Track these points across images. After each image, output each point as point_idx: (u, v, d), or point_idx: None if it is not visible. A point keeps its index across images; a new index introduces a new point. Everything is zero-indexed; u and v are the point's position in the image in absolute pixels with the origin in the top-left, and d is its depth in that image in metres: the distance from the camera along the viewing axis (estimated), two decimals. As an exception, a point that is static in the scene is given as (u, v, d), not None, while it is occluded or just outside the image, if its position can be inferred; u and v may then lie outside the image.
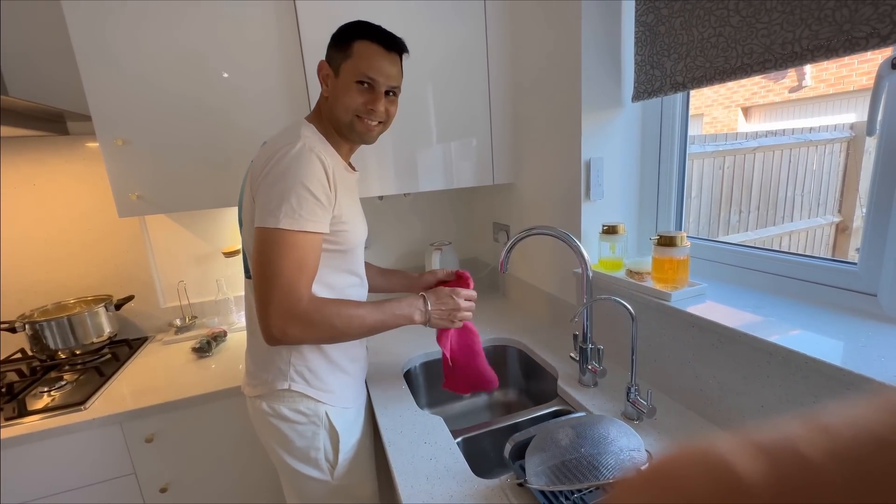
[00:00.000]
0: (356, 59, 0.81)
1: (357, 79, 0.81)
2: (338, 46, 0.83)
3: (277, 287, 0.72)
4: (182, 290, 1.58)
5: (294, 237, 0.72)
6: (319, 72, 0.84)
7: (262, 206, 0.73)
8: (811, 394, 0.67)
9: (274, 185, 0.72)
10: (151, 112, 1.17)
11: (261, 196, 0.74)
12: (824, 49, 0.68)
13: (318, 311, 0.75)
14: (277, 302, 0.72)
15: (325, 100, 0.85)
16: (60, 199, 1.42)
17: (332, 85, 0.83)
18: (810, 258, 0.85)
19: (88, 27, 1.09)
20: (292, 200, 0.71)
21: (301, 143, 0.75)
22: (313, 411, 0.87)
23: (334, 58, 0.83)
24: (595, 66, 1.07)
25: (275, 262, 0.71)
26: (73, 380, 1.25)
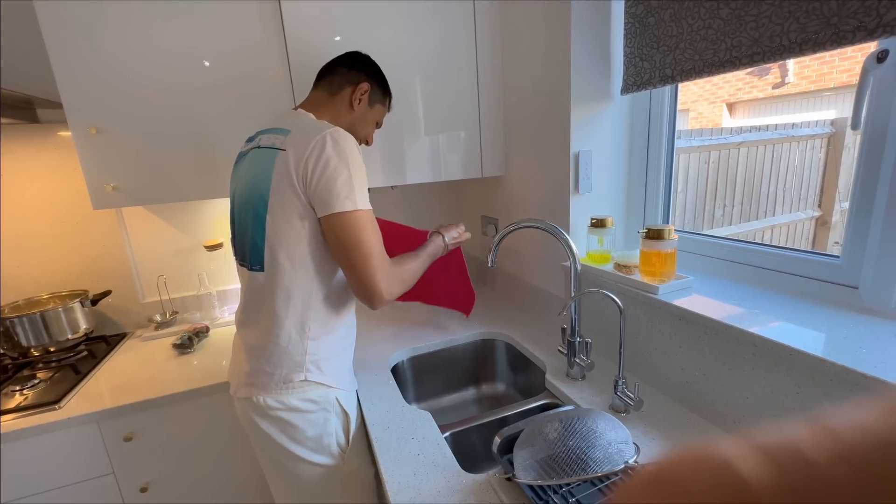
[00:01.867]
0: (384, 110, 1.03)
1: (377, 120, 1.02)
2: (381, 88, 1.00)
3: (374, 258, 0.81)
4: (162, 285, 1.53)
5: (369, 214, 0.82)
6: (358, 89, 0.94)
7: (336, 193, 0.78)
8: (795, 385, 0.67)
9: (340, 172, 0.78)
10: (127, 99, 1.12)
11: (328, 183, 0.78)
12: (812, 42, 0.68)
13: (401, 270, 0.90)
14: (380, 270, 0.82)
15: (344, 110, 0.95)
16: (31, 190, 1.36)
17: (363, 108, 0.96)
18: (794, 251, 0.86)
19: (58, 10, 1.04)
20: (357, 180, 0.80)
21: (335, 128, 0.81)
22: (324, 398, 0.88)
23: (375, 91, 0.97)
24: (584, 58, 1.06)
25: (364, 239, 0.80)
26: (46, 378, 1.20)
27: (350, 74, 0.94)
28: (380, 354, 1.19)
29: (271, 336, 0.85)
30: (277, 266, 0.82)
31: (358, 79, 0.94)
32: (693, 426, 0.82)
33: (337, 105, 0.93)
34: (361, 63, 0.97)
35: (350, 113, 0.94)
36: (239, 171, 0.91)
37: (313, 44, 1.20)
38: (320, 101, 0.93)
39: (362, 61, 0.97)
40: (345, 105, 0.93)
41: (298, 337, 0.85)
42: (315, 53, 1.21)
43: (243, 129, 1.22)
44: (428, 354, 1.25)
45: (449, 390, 1.29)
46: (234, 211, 0.92)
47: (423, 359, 1.24)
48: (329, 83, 0.94)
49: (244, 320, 0.91)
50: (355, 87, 0.93)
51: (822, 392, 0.64)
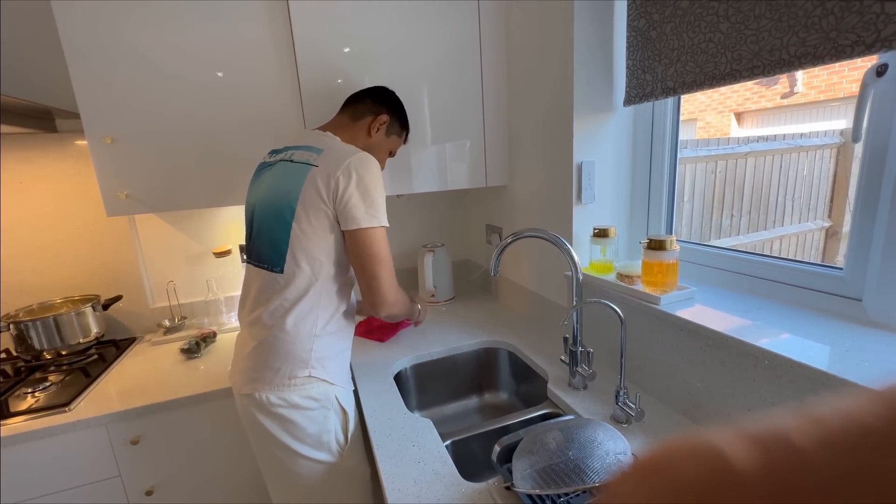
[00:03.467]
0: (400, 141, 1.13)
1: (392, 150, 1.12)
2: (400, 122, 1.10)
3: (388, 269, 0.92)
4: (171, 291, 1.56)
5: (385, 231, 0.92)
6: (378, 119, 1.04)
7: (365, 210, 0.88)
8: (797, 398, 0.67)
9: (369, 191, 0.88)
10: (142, 110, 1.16)
11: (358, 200, 0.87)
12: (811, 56, 0.68)
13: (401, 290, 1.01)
14: (392, 282, 0.93)
15: (362, 135, 1.04)
16: (48, 197, 1.40)
17: (380, 137, 1.06)
18: (797, 263, 0.85)
19: (77, 23, 1.08)
20: (379, 200, 0.90)
21: (364, 153, 0.92)
22: (324, 395, 0.92)
23: (393, 124, 1.08)
24: (587, 70, 1.08)
25: (383, 253, 0.91)
26: (58, 381, 1.23)
27: (373, 105, 1.04)
28: (383, 362, 1.20)
29: (281, 332, 0.90)
30: (298, 269, 0.90)
31: (379, 110, 1.04)
32: (695, 438, 0.81)
33: (356, 130, 1.03)
34: (385, 97, 1.07)
35: (367, 139, 1.03)
36: (263, 180, 0.98)
37: (322, 56, 1.23)
38: (342, 124, 1.03)
39: (387, 96, 1.08)
40: (363, 131, 1.03)
41: (307, 334, 0.91)
42: (324, 66, 1.24)
43: (252, 139, 1.26)
44: (431, 362, 1.25)
45: (451, 399, 1.29)
46: (254, 215, 0.97)
47: (426, 367, 1.25)
48: (353, 110, 1.04)
49: (255, 318, 0.93)
50: (375, 117, 1.03)
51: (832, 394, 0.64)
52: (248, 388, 0.91)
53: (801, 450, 0.18)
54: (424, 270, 1.60)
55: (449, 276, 1.65)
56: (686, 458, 0.21)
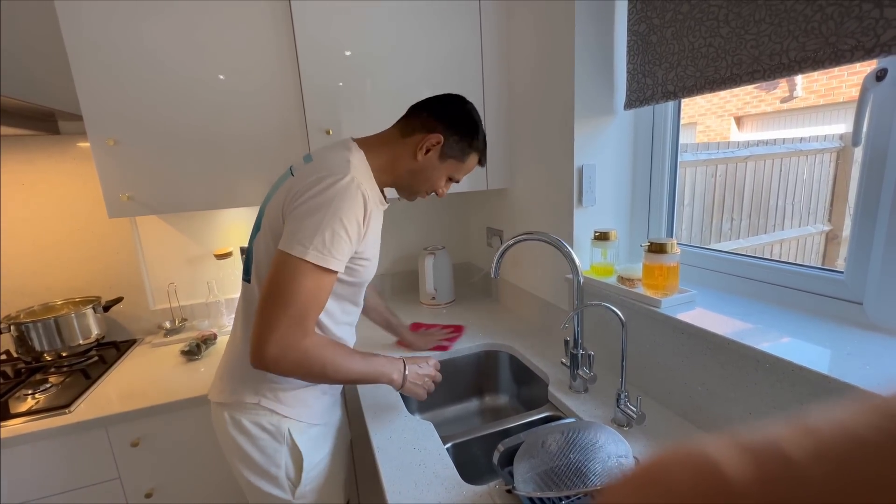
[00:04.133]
0: (463, 166, 0.91)
1: (450, 176, 0.92)
2: (462, 143, 0.88)
3: (287, 316, 0.70)
4: (172, 292, 1.56)
5: (316, 272, 0.71)
6: (427, 139, 0.84)
7: (294, 231, 0.72)
8: (797, 401, 0.67)
9: (313, 213, 0.72)
10: (144, 112, 1.17)
11: (295, 219, 0.72)
12: (811, 61, 0.69)
13: (315, 351, 0.74)
14: (283, 330, 0.70)
15: (407, 156, 0.86)
16: (50, 199, 1.41)
17: (430, 160, 0.86)
18: (798, 266, 0.85)
19: (81, 26, 1.09)
20: (326, 234, 0.71)
21: (350, 177, 0.74)
22: (276, 427, 0.84)
23: (451, 146, 0.86)
24: (588, 73, 1.08)
25: (291, 291, 0.70)
26: (58, 382, 1.23)
27: (428, 121, 0.85)
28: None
29: (240, 349, 0.85)
30: (255, 283, 0.84)
31: (433, 127, 0.84)
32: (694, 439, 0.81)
33: (402, 148, 0.86)
34: (447, 112, 0.87)
35: (412, 161, 0.86)
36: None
37: (324, 59, 1.24)
38: (387, 139, 0.87)
39: (449, 110, 0.87)
40: (409, 151, 0.85)
41: None
42: (326, 68, 1.25)
43: (254, 141, 1.26)
44: (431, 365, 1.25)
45: (452, 401, 1.29)
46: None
47: (427, 369, 1.25)
48: (406, 124, 0.88)
49: (233, 326, 0.93)
50: (426, 136, 0.84)
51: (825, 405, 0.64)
52: (213, 395, 0.89)
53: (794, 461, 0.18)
54: (425, 273, 1.60)
55: (450, 279, 1.65)
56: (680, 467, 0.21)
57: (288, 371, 0.74)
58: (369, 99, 1.30)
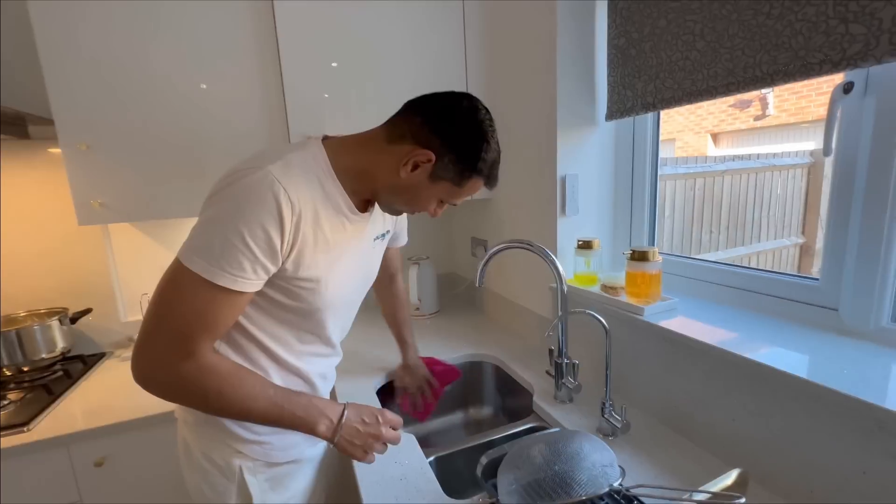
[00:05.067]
0: (460, 191, 0.70)
1: (442, 199, 0.72)
2: (462, 159, 0.66)
3: (163, 332, 0.58)
4: (145, 303, 1.50)
5: (201, 287, 0.57)
6: (416, 154, 0.64)
7: (190, 234, 0.60)
8: (779, 406, 0.67)
9: (208, 211, 0.60)
10: (120, 116, 1.13)
11: (199, 218, 0.61)
12: (782, 73, 0.71)
13: (195, 377, 0.60)
14: (157, 348, 0.58)
15: (388, 168, 0.67)
16: (16, 205, 1.35)
17: (416, 179, 0.67)
18: (775, 273, 0.87)
19: (54, 27, 1.06)
20: (215, 243, 0.57)
21: (263, 172, 0.59)
22: (226, 462, 0.72)
23: (445, 166, 0.66)
24: (570, 85, 1.10)
25: (171, 303, 0.58)
26: (17, 399, 1.16)
27: (421, 131, 0.65)
28: (365, 376, 1.17)
29: None
30: None
31: (426, 141, 0.65)
32: (681, 450, 0.80)
33: (383, 156, 0.67)
34: (448, 123, 0.66)
35: (394, 175, 0.67)
36: None
37: (309, 70, 1.23)
38: (368, 141, 0.70)
39: (450, 121, 0.66)
40: (392, 162, 0.66)
41: None
42: (310, 78, 1.24)
43: (234, 148, 1.24)
44: (415, 376, 1.22)
45: (436, 414, 1.26)
46: None
47: (410, 381, 1.22)
48: (395, 126, 0.68)
49: None
50: (414, 149, 0.65)
51: (805, 413, 0.64)
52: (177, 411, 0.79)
53: None
54: (409, 283, 1.58)
55: (434, 290, 1.64)
56: None
57: (159, 393, 0.61)
58: (354, 109, 1.30)
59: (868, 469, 0.58)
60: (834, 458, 0.61)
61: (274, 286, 0.65)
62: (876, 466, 0.57)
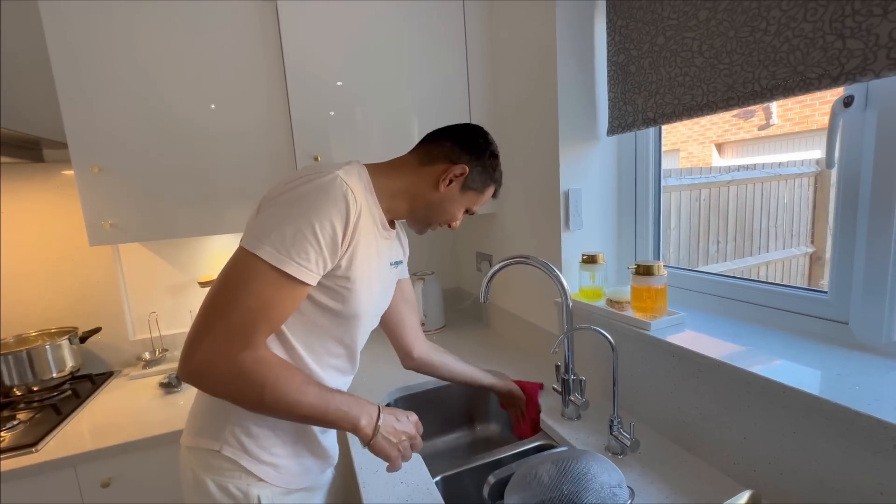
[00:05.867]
0: (480, 198, 0.85)
1: (468, 208, 0.85)
2: (484, 175, 0.82)
3: (227, 320, 0.59)
4: (154, 322, 1.52)
5: (269, 274, 0.60)
6: (452, 170, 0.77)
7: (255, 225, 0.63)
8: (791, 424, 0.66)
9: (279, 207, 0.63)
10: (130, 139, 1.16)
11: (262, 214, 0.64)
12: (782, 88, 0.72)
13: (253, 367, 0.60)
14: (219, 336, 0.59)
15: (427, 186, 0.78)
16: (30, 227, 1.38)
17: (451, 191, 0.79)
18: (784, 287, 0.86)
19: (69, 54, 1.10)
20: (287, 231, 0.60)
21: (334, 175, 0.65)
22: (244, 493, 0.70)
23: (474, 178, 0.80)
24: (571, 101, 1.11)
25: (237, 291, 0.60)
26: (27, 419, 1.16)
27: (452, 151, 0.79)
28: (370, 392, 1.16)
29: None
30: None
31: (458, 158, 0.78)
32: (692, 469, 0.79)
33: (420, 177, 0.79)
34: (472, 143, 0.80)
35: (432, 191, 0.78)
36: None
37: (314, 89, 1.26)
38: (402, 165, 0.80)
39: (474, 141, 0.81)
40: (430, 180, 0.78)
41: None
42: (315, 99, 1.27)
43: (241, 169, 1.27)
44: (420, 393, 1.22)
45: (442, 432, 1.25)
46: None
47: (415, 398, 1.21)
48: (426, 152, 0.80)
49: None
50: (450, 167, 0.77)
51: (818, 431, 0.63)
52: (182, 437, 0.77)
53: None
54: (414, 299, 1.58)
55: (440, 305, 1.64)
56: None
57: (214, 385, 0.61)
58: (360, 127, 1.32)
59: (885, 489, 0.56)
60: (849, 478, 0.60)
61: (320, 286, 0.68)
62: (893, 487, 0.55)
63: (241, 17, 1.21)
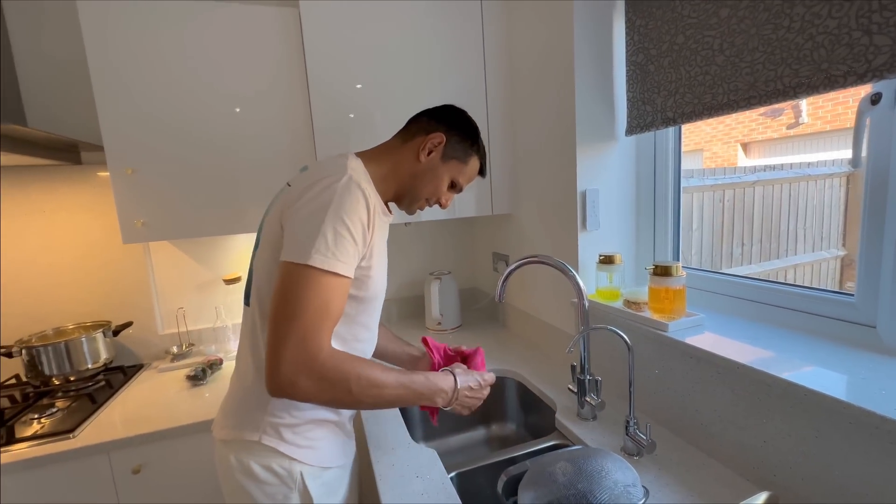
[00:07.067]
0: (465, 169, 0.88)
1: (454, 180, 0.88)
2: (464, 143, 0.86)
3: (296, 330, 0.63)
4: (181, 317, 1.58)
5: (322, 278, 0.65)
6: (429, 139, 0.82)
7: (293, 238, 0.67)
8: (813, 428, 0.64)
9: (311, 216, 0.67)
10: (162, 142, 1.22)
11: (293, 225, 0.68)
12: (805, 86, 0.70)
13: (335, 365, 0.66)
14: (293, 347, 0.63)
15: (409, 159, 0.83)
16: (68, 226, 1.46)
17: (432, 161, 0.83)
18: (807, 289, 0.84)
19: (106, 61, 1.16)
20: (328, 235, 0.65)
21: (347, 177, 0.70)
22: (287, 471, 0.75)
23: (453, 146, 0.85)
24: (589, 101, 1.11)
25: (298, 302, 0.64)
26: (64, 407, 1.23)
27: (428, 124, 0.85)
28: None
29: (243, 378, 0.79)
30: (255, 305, 0.78)
31: (434, 129, 0.84)
32: (710, 471, 0.78)
33: (403, 153, 0.84)
34: (447, 115, 0.87)
35: (415, 163, 0.83)
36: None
37: (334, 91, 1.29)
38: (388, 148, 0.86)
39: (449, 113, 0.87)
40: (411, 154, 0.84)
41: (261, 387, 0.69)
42: (335, 100, 1.30)
43: (264, 169, 1.31)
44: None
45: (458, 430, 1.26)
46: None
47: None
48: (406, 130, 0.87)
49: (237, 354, 0.86)
50: (427, 137, 0.83)
51: (841, 436, 0.61)
52: (216, 431, 0.81)
53: None
54: (431, 298, 1.60)
55: (456, 304, 1.65)
56: None
57: (309, 393, 0.65)
58: (379, 128, 1.35)
59: (913, 497, 0.55)
60: (873, 486, 0.58)
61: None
62: (921, 495, 0.54)
63: (265, 22, 1.25)
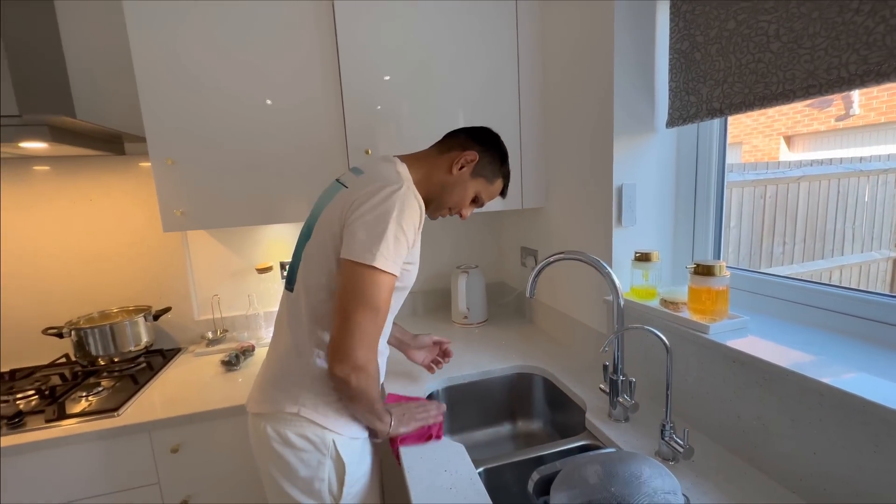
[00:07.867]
0: (490, 188, 0.99)
1: (478, 195, 0.98)
2: (493, 166, 0.97)
3: (370, 322, 0.76)
4: (216, 304, 1.63)
5: (384, 277, 0.76)
6: (464, 155, 0.93)
7: (359, 240, 0.76)
8: (871, 441, 0.60)
9: (376, 222, 0.76)
10: (200, 134, 1.25)
11: (359, 228, 0.77)
12: (874, 74, 0.65)
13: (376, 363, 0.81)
14: (367, 337, 0.76)
15: (443, 170, 0.94)
16: (113, 214, 1.52)
17: (462, 176, 0.94)
18: (864, 293, 0.79)
19: (150, 56, 1.19)
20: (391, 241, 0.76)
21: (406, 186, 0.81)
22: (320, 438, 0.84)
23: (484, 166, 0.95)
24: (628, 91, 1.07)
25: (371, 297, 0.75)
26: (109, 386, 1.30)
27: (465, 141, 0.95)
28: (415, 382, 1.19)
29: (282, 358, 0.88)
30: (300, 291, 0.86)
31: (471, 146, 0.94)
32: (752, 481, 0.74)
33: (438, 163, 0.94)
34: (483, 136, 0.97)
35: (446, 175, 0.93)
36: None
37: (365, 84, 1.29)
38: (426, 156, 0.96)
39: (485, 137, 0.98)
40: (445, 165, 0.94)
41: (304, 365, 0.84)
42: (366, 92, 1.30)
43: (297, 161, 1.32)
44: (463, 385, 1.23)
45: (483, 424, 1.26)
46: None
47: (459, 389, 1.23)
48: (444, 143, 0.97)
49: (273, 336, 0.95)
50: (462, 153, 0.93)
51: (905, 452, 0.57)
52: (252, 406, 0.90)
53: None
54: (458, 292, 1.59)
55: (482, 298, 1.64)
56: None
57: (367, 378, 0.78)
58: (405, 121, 1.34)
59: None
60: (941, 506, 0.54)
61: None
62: None
63: (300, 16, 1.25)
